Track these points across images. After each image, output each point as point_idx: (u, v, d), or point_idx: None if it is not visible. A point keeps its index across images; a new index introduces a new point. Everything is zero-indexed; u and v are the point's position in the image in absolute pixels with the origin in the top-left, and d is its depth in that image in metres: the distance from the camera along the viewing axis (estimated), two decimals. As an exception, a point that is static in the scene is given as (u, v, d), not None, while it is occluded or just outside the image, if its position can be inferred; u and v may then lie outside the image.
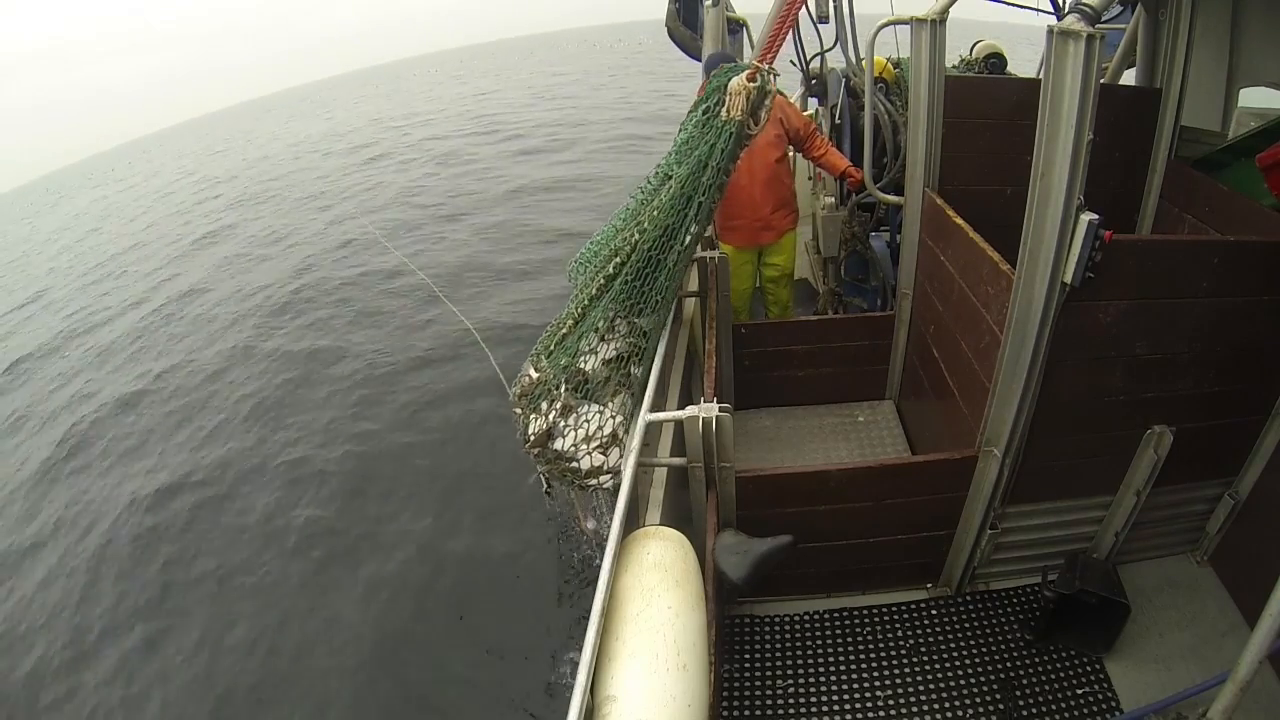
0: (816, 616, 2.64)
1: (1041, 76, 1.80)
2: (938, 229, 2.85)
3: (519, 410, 2.17)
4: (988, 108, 2.94)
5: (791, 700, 2.38)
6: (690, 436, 2.04)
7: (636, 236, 2.22)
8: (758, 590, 2.60)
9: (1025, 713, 2.26)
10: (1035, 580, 2.54)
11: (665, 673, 1.36)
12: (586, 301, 2.24)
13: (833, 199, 4.34)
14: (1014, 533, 2.50)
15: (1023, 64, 6.01)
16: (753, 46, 4.22)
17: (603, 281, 2.24)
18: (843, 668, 2.46)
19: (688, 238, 2.24)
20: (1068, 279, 1.85)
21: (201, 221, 16.40)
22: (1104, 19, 1.70)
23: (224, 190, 20.19)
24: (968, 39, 5.57)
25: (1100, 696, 2.28)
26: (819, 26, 4.26)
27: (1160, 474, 2.25)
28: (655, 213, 2.22)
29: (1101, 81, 1.72)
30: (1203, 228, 2.70)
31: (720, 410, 1.98)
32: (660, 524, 1.95)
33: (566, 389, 2.09)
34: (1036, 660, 2.41)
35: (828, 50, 4.49)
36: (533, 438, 2.09)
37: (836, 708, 2.34)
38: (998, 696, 2.31)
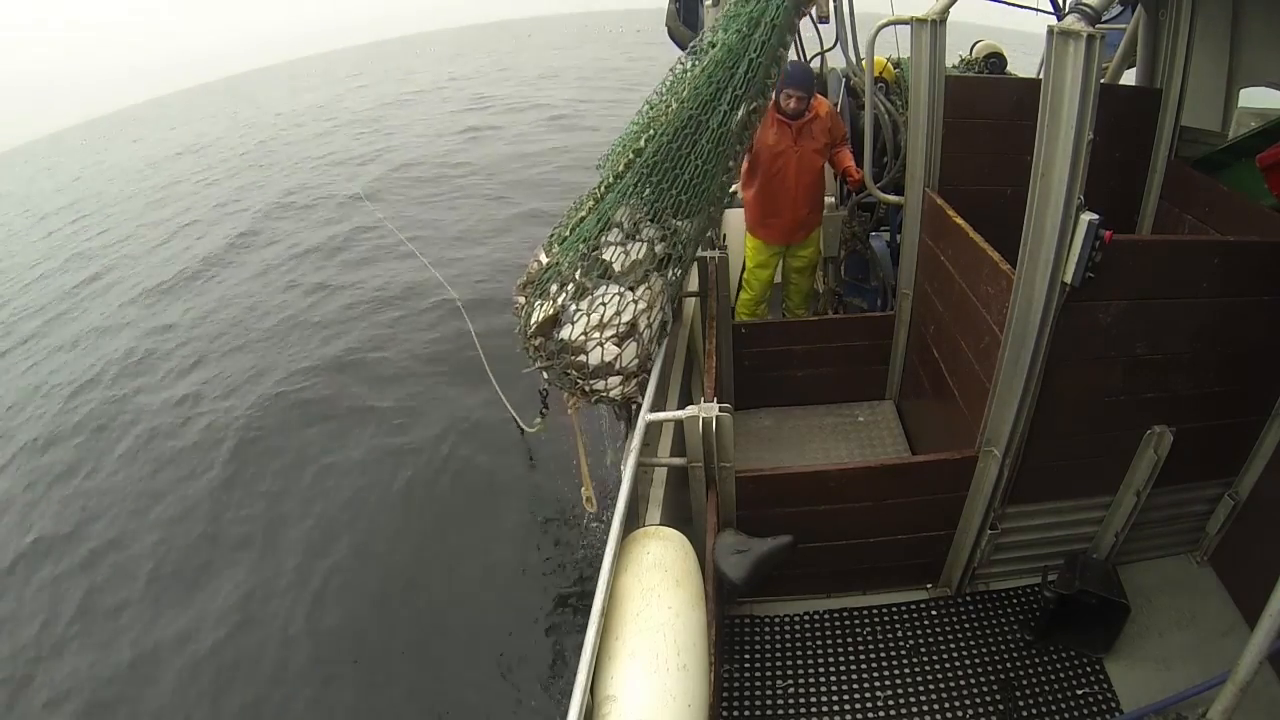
0: (816, 616, 2.64)
1: (1041, 76, 1.80)
2: (938, 229, 2.85)
3: (522, 299, 1.88)
4: (988, 108, 2.94)
5: (791, 700, 2.37)
6: (690, 436, 2.04)
7: (674, 106, 1.93)
8: (758, 590, 2.60)
9: (1025, 713, 2.26)
10: (1035, 580, 2.54)
11: (665, 673, 1.36)
12: (611, 179, 1.96)
13: (833, 199, 4.35)
14: (1014, 533, 2.50)
15: (1022, 65, 6.02)
16: None
17: (630, 156, 1.95)
18: (843, 668, 2.45)
19: (739, 109, 1.95)
20: (1068, 279, 1.85)
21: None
22: (1104, 19, 1.70)
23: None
24: (967, 41, 5.58)
25: (1100, 696, 2.27)
26: (819, 26, 4.26)
27: (1160, 474, 2.25)
28: (696, 80, 1.93)
29: (1101, 81, 1.72)
30: (1203, 228, 2.70)
31: (720, 410, 1.98)
32: (660, 524, 1.95)
33: (582, 270, 1.79)
34: (1036, 660, 2.41)
35: (828, 50, 4.49)
36: (535, 326, 1.79)
37: (836, 708, 2.33)
38: (998, 696, 2.31)
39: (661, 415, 2.07)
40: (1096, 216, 1.76)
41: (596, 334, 1.73)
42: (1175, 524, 2.58)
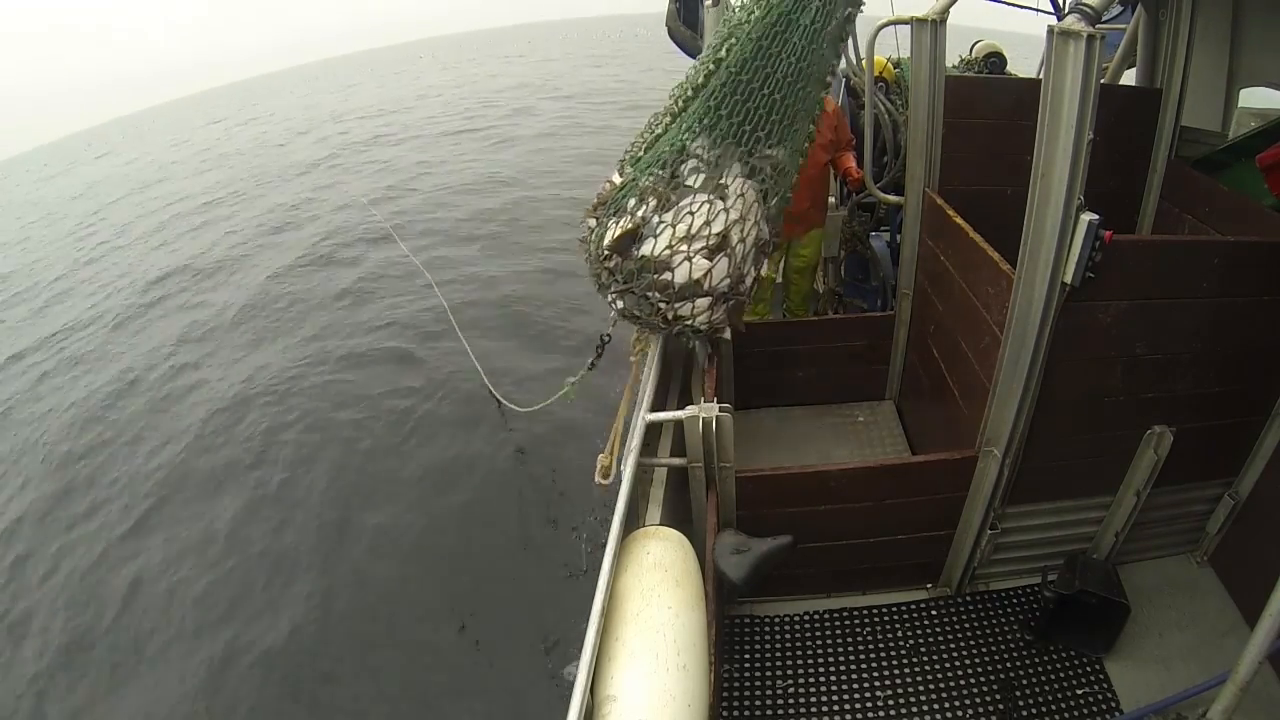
0: (816, 616, 2.64)
1: (1041, 76, 1.80)
2: (938, 229, 2.85)
3: (593, 222, 1.72)
4: (988, 108, 2.94)
5: (791, 700, 2.37)
6: (690, 436, 2.04)
7: (756, 13, 1.75)
8: (758, 590, 2.59)
9: (1025, 713, 2.26)
10: (1035, 580, 2.54)
11: (665, 673, 1.36)
12: (690, 93, 1.79)
13: (833, 199, 4.35)
14: (1014, 533, 2.50)
15: (1023, 64, 6.03)
16: None
17: (712, 66, 1.78)
18: (843, 668, 2.45)
19: (836, 10, 1.75)
20: (1068, 279, 1.85)
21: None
22: (1104, 19, 1.70)
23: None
24: (967, 41, 5.58)
25: (1100, 696, 2.27)
26: None
27: (1160, 474, 2.25)
28: None
29: (1101, 81, 1.72)
30: (1203, 228, 2.70)
31: (720, 410, 1.98)
32: (660, 524, 1.94)
33: (663, 181, 1.63)
34: (1036, 660, 2.41)
35: None
36: (610, 243, 1.63)
37: (836, 708, 2.34)
38: (998, 696, 2.31)
39: (661, 415, 2.07)
40: (1096, 216, 1.76)
41: (684, 247, 1.56)
42: (1175, 524, 2.58)
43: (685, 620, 1.49)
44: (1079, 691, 2.30)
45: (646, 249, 1.62)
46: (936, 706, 2.30)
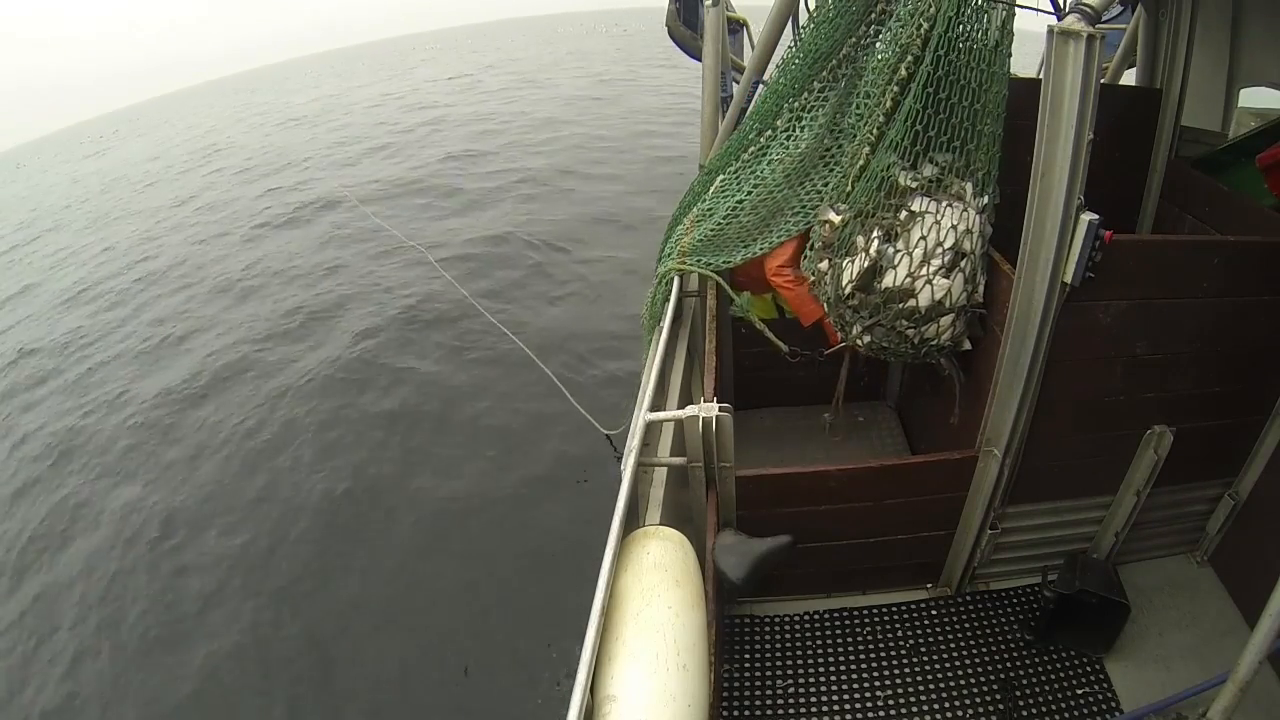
0: (816, 616, 2.64)
1: (1041, 76, 1.80)
2: None
3: (823, 266, 1.79)
4: None
5: (791, 700, 2.37)
6: (690, 436, 2.04)
7: (923, 25, 1.72)
8: (758, 590, 2.59)
9: (1025, 713, 2.26)
10: (1035, 580, 2.54)
11: (665, 672, 1.36)
12: (881, 119, 1.81)
13: None
14: (1014, 533, 2.50)
15: (1023, 64, 6.03)
16: (753, 46, 4.21)
17: (896, 89, 1.81)
18: (843, 668, 2.45)
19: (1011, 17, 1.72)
20: (1068, 279, 1.85)
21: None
22: (1104, 19, 1.70)
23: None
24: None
25: (1100, 696, 2.27)
26: None
27: (1160, 474, 2.25)
28: None
29: (1101, 81, 1.72)
30: (1203, 228, 2.70)
31: (720, 410, 1.98)
32: (660, 524, 1.94)
33: (886, 211, 1.67)
34: (1036, 660, 2.41)
35: None
36: (851, 284, 1.70)
37: (836, 708, 2.34)
38: (998, 696, 2.31)
39: (661, 415, 2.07)
40: (1096, 216, 1.76)
41: (923, 271, 1.64)
42: (1175, 524, 2.58)
43: (685, 620, 1.49)
44: (1079, 691, 2.30)
45: (888, 280, 1.68)
46: (936, 706, 2.30)
